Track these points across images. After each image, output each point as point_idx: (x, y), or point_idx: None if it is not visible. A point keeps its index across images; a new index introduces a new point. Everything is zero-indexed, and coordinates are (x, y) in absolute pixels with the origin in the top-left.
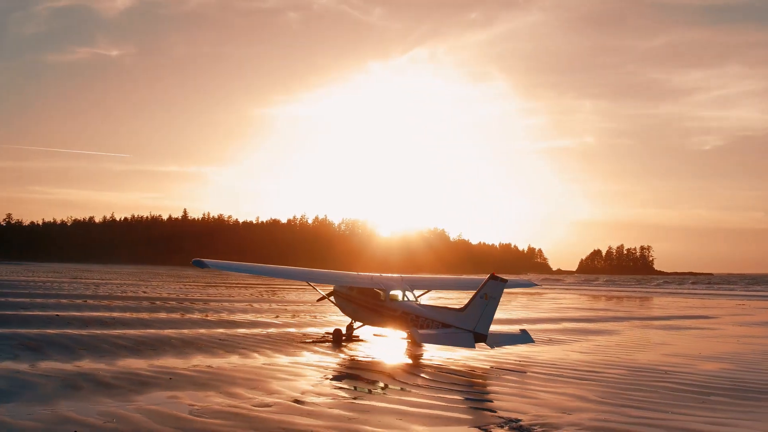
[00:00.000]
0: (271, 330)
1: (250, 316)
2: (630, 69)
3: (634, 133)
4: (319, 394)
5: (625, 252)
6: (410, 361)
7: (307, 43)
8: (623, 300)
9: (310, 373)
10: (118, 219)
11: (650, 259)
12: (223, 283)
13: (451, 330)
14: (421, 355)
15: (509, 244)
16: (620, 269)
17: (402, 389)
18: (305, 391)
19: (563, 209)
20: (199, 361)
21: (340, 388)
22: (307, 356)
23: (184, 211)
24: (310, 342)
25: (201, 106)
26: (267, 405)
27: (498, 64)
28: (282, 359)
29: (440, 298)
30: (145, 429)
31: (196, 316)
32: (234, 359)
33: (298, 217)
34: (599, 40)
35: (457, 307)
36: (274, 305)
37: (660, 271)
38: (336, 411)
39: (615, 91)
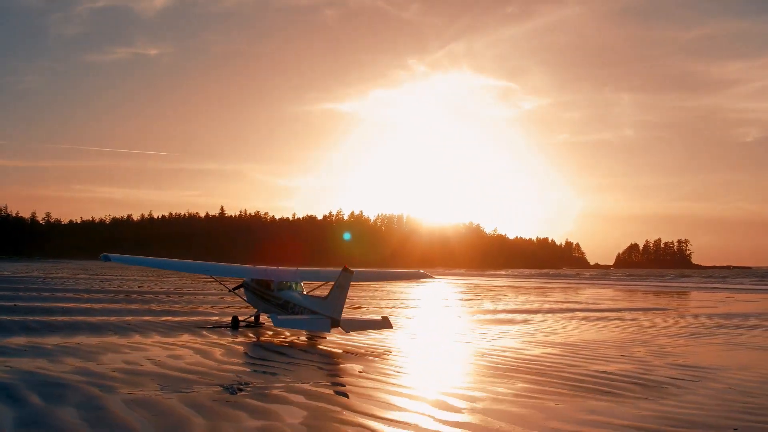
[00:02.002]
0: (192, 318)
1: (198, 308)
2: (669, 61)
3: (673, 126)
4: (135, 363)
5: (662, 246)
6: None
7: (344, 40)
8: (591, 292)
9: (152, 350)
10: (156, 217)
11: (688, 252)
12: None
13: (311, 316)
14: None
15: (546, 239)
16: (657, 263)
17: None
18: (129, 360)
19: (601, 203)
20: (86, 339)
21: (158, 359)
22: (183, 337)
23: (221, 208)
24: (209, 327)
25: (239, 104)
26: (79, 371)
27: (535, 57)
28: (151, 339)
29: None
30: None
31: (153, 307)
32: (113, 339)
33: (334, 213)
34: (637, 31)
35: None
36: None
37: (697, 265)
38: (122, 375)
39: (654, 83)
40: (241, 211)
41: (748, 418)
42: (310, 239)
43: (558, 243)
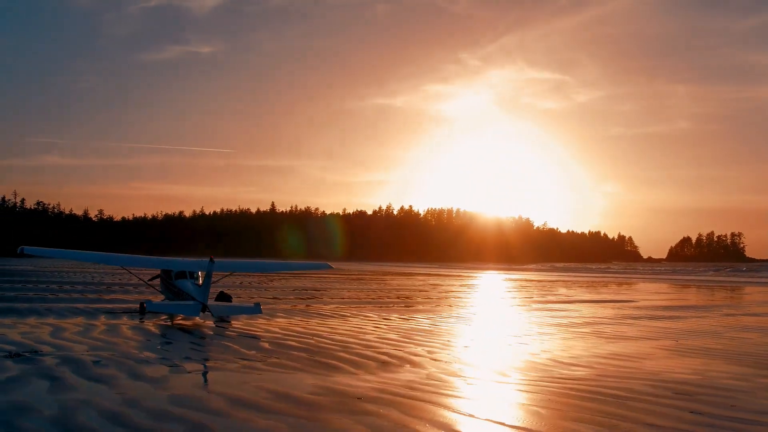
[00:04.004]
0: (122, 305)
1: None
2: (724, 51)
3: (728, 118)
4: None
5: (715, 239)
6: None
7: (395, 35)
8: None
9: (46, 328)
10: (207, 213)
11: (741, 246)
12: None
13: (182, 302)
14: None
15: (598, 232)
16: (710, 256)
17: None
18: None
19: (655, 196)
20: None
21: (44, 338)
22: (80, 320)
23: (272, 204)
24: (120, 312)
25: (292, 100)
26: None
27: (588, 49)
28: (56, 320)
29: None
30: None
31: (110, 296)
32: (30, 320)
33: (384, 207)
34: (691, 22)
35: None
36: None
37: (751, 258)
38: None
39: (709, 74)
40: (292, 207)
41: None
42: (358, 234)
43: (610, 237)
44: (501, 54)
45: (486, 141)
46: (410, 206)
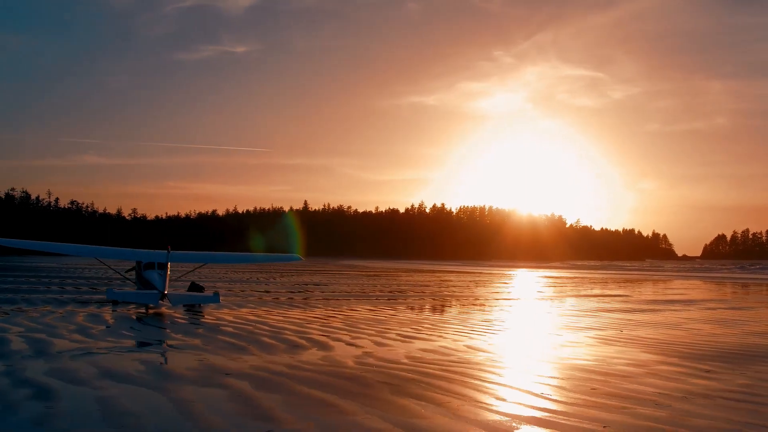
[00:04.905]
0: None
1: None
2: (761, 46)
3: (766, 114)
4: None
5: (750, 236)
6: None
7: (428, 33)
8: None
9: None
10: (241, 211)
11: None
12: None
13: (142, 291)
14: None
15: (633, 230)
16: (745, 254)
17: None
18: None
19: (691, 193)
20: None
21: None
22: (47, 308)
23: (305, 202)
24: (93, 302)
25: (326, 99)
26: None
27: (623, 46)
28: (24, 308)
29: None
30: None
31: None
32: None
33: (416, 205)
34: (728, 17)
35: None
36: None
37: None
38: None
39: (746, 70)
40: (324, 205)
41: None
42: (390, 232)
43: (645, 234)
44: (535, 51)
45: (520, 138)
46: (442, 204)
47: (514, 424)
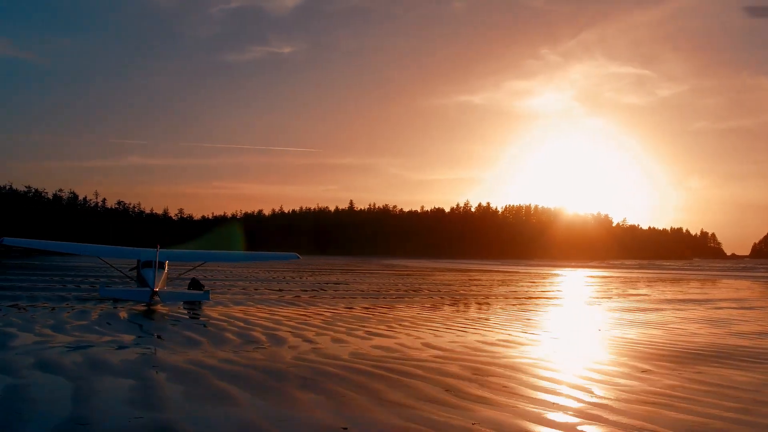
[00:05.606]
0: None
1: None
2: None
3: None
4: None
5: None
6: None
7: (474, 32)
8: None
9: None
10: (287, 211)
11: None
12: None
13: (134, 288)
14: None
15: (680, 229)
16: None
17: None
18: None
19: (741, 191)
20: None
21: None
22: (45, 304)
23: (350, 202)
24: (92, 299)
25: (373, 99)
26: None
27: (670, 43)
28: (23, 303)
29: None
30: None
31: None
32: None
33: (462, 205)
34: None
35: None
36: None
37: None
38: None
39: None
40: (370, 205)
41: None
42: (435, 231)
43: (693, 233)
44: (581, 49)
45: (566, 137)
46: (488, 203)
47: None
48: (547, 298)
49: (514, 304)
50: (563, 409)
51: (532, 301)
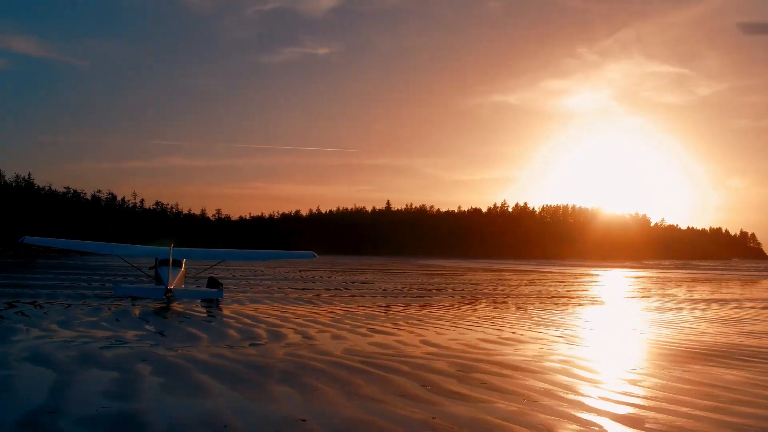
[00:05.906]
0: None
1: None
2: None
3: None
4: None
5: None
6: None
7: (510, 31)
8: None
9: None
10: (324, 211)
11: None
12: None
13: (148, 286)
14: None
15: (719, 229)
16: None
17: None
18: None
19: None
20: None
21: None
22: (61, 301)
23: (387, 202)
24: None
25: (409, 99)
26: None
27: (708, 41)
28: (42, 301)
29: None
30: None
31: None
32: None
33: (499, 204)
34: None
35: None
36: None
37: None
38: None
39: None
40: (407, 205)
41: None
42: (473, 231)
43: (732, 233)
44: (618, 48)
45: (604, 137)
46: (525, 203)
47: None
48: (569, 297)
49: (533, 303)
50: (538, 406)
51: (552, 300)
